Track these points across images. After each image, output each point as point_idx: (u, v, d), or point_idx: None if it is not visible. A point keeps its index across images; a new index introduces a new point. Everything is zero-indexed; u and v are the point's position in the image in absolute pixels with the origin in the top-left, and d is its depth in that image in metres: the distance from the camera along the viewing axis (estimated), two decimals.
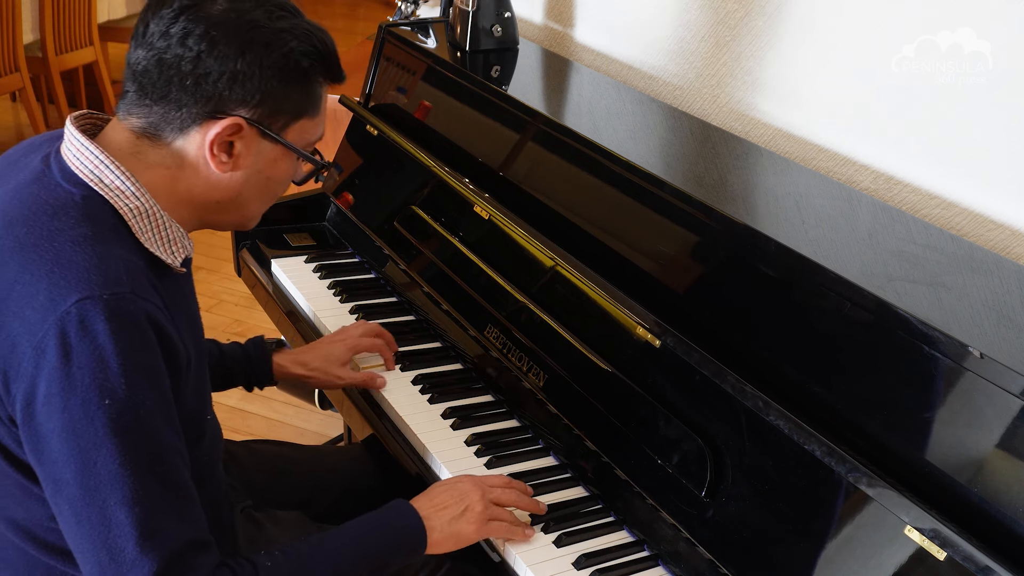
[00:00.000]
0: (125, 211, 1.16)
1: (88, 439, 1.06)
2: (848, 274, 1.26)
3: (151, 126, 1.18)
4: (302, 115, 1.22)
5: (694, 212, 1.48)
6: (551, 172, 1.76)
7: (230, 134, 1.17)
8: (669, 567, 1.35)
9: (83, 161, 1.16)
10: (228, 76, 1.14)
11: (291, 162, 1.26)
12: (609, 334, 1.49)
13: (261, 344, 1.65)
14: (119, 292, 1.08)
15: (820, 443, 1.20)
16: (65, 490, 1.08)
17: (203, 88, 1.15)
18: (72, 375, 1.05)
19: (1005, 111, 1.47)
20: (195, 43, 1.13)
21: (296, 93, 1.20)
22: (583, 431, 1.48)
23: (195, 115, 1.16)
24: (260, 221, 1.35)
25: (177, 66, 1.14)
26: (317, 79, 1.22)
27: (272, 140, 1.21)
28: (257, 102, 1.17)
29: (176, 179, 1.20)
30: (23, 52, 4.14)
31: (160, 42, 1.14)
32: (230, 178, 1.21)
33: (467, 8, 2.10)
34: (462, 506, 1.33)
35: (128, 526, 1.07)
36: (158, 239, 1.19)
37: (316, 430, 2.95)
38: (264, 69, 1.16)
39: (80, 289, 1.07)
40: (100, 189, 1.15)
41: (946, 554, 1.07)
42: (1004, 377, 1.09)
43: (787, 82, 1.79)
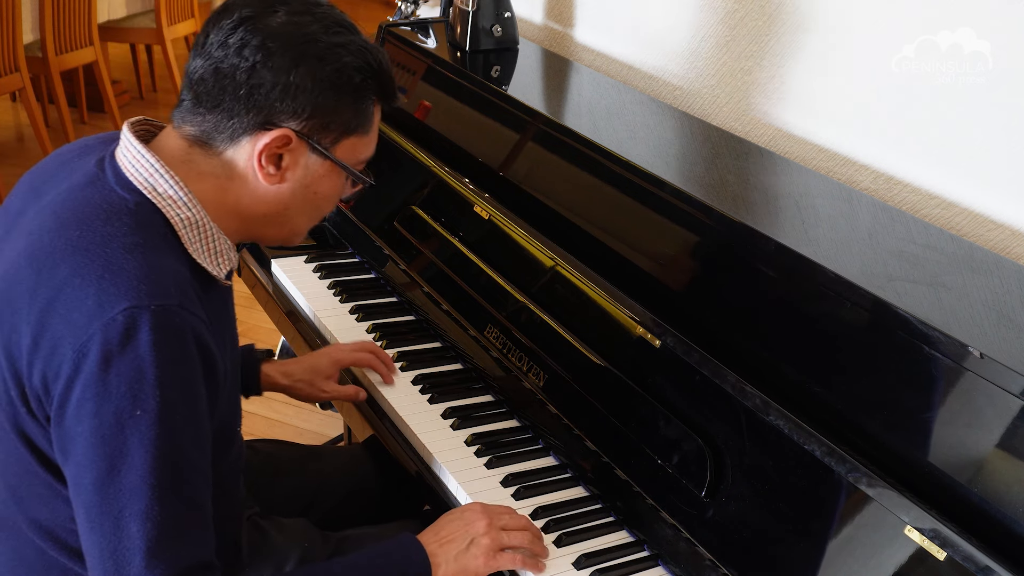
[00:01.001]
0: (176, 221, 1.16)
1: (115, 447, 1.06)
2: (848, 274, 1.26)
3: (204, 134, 1.18)
4: (352, 132, 1.21)
5: (694, 212, 1.48)
6: (551, 172, 1.76)
7: (279, 146, 1.17)
8: (669, 567, 1.35)
9: (138, 168, 1.16)
10: (281, 88, 1.14)
11: (339, 179, 1.25)
12: (609, 334, 1.49)
13: (251, 353, 1.65)
14: (167, 304, 1.08)
15: (820, 443, 1.20)
16: (84, 494, 1.08)
17: (255, 98, 1.15)
18: (109, 382, 1.05)
19: (1005, 111, 1.47)
20: (251, 54, 1.13)
21: (347, 108, 1.19)
22: (583, 431, 1.48)
23: (246, 125, 1.16)
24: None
25: (232, 76, 1.14)
26: (370, 96, 1.21)
27: (321, 155, 1.20)
28: (308, 115, 1.17)
29: (225, 189, 1.20)
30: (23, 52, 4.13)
31: (218, 52, 1.15)
32: (277, 191, 1.21)
33: (467, 8, 2.10)
34: (468, 539, 1.30)
35: (139, 540, 1.07)
36: (206, 251, 1.19)
37: (316, 430, 2.95)
38: (316, 82, 1.15)
39: (129, 297, 1.07)
40: (153, 197, 1.16)
41: (946, 554, 1.07)
42: (1004, 377, 1.09)
43: (787, 82, 1.79)
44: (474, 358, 1.72)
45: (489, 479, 1.47)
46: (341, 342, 1.75)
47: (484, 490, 1.45)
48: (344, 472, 1.73)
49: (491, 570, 1.31)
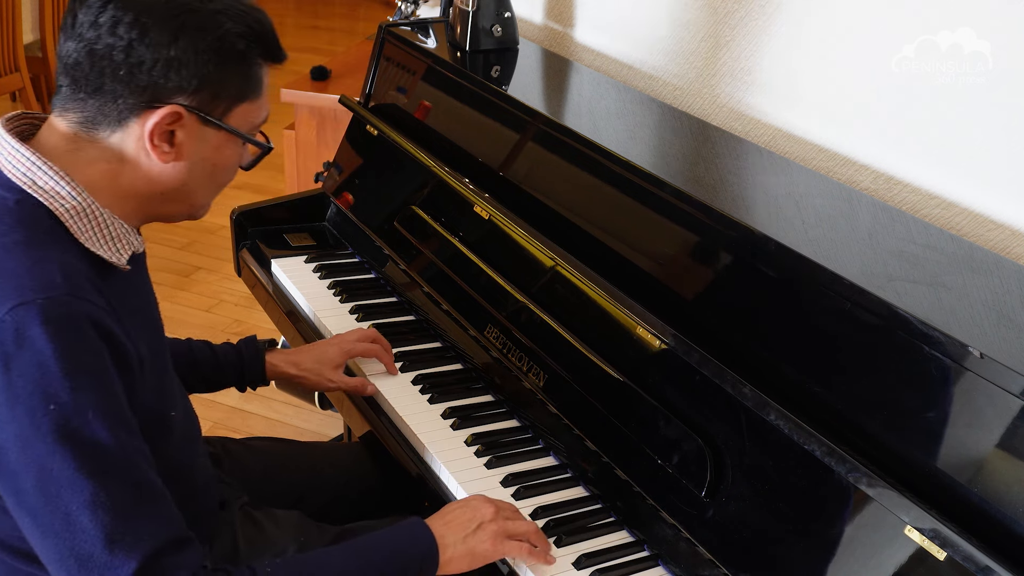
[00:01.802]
0: (61, 212, 1.13)
1: (39, 447, 1.04)
2: (848, 274, 1.26)
3: (87, 121, 1.14)
4: (243, 98, 1.19)
5: (694, 212, 1.48)
6: (551, 172, 1.76)
7: (170, 123, 1.14)
8: (669, 567, 1.35)
9: (15, 164, 1.14)
10: (162, 63, 1.11)
11: (236, 147, 1.22)
12: (609, 334, 1.49)
13: (254, 343, 1.65)
14: (53, 295, 1.06)
15: (820, 443, 1.20)
16: (26, 500, 1.06)
17: (137, 77, 1.11)
18: (13, 384, 1.04)
19: (1005, 111, 1.47)
20: (125, 31, 1.10)
21: (235, 76, 1.16)
22: (583, 431, 1.48)
23: (132, 106, 1.13)
24: (260, 220, 1.34)
25: (109, 56, 1.11)
26: (256, 60, 1.18)
27: (215, 126, 1.17)
28: (195, 88, 1.13)
29: (118, 173, 1.17)
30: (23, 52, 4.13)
31: (90, 32, 1.11)
32: (174, 168, 1.18)
33: (467, 8, 2.10)
34: (475, 522, 1.30)
35: (94, 530, 1.05)
36: (99, 238, 1.16)
37: (316, 430, 2.95)
38: (199, 54, 1.12)
39: (13, 296, 1.05)
40: (34, 192, 1.13)
41: (946, 554, 1.07)
42: (1004, 377, 1.09)
43: (787, 82, 1.79)
44: (474, 358, 1.72)
45: (489, 479, 1.47)
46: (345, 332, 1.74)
47: (484, 490, 1.45)
48: (342, 468, 1.73)
49: (498, 555, 1.31)
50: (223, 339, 1.69)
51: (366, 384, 1.63)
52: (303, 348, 1.68)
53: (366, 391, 1.63)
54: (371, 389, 1.63)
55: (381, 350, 1.67)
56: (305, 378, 1.63)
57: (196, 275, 3.68)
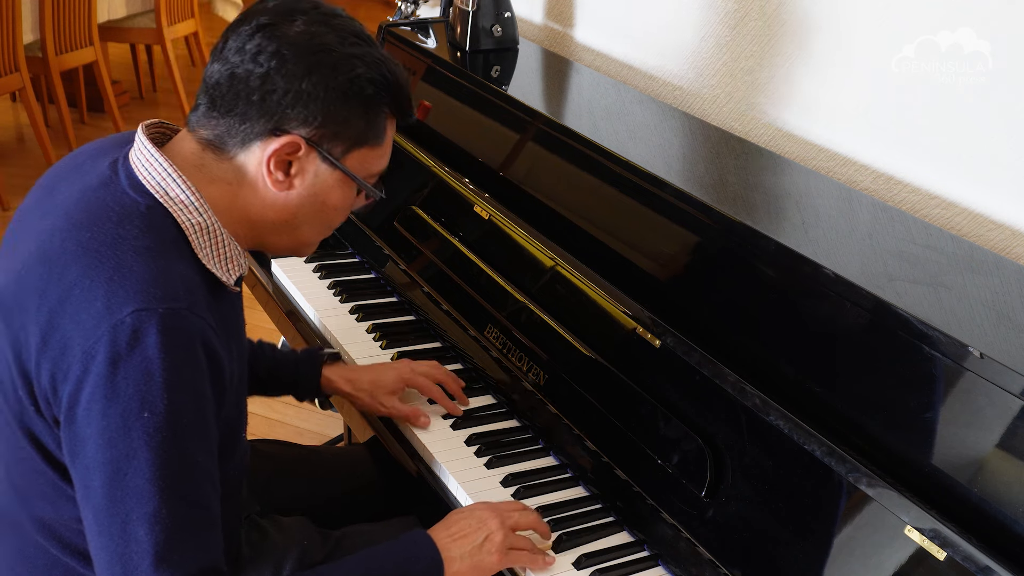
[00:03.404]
0: (187, 226, 1.16)
1: (122, 449, 1.06)
2: (848, 274, 1.26)
3: (216, 138, 1.18)
4: (363, 143, 1.22)
5: (694, 212, 1.48)
6: (551, 172, 1.76)
7: (288, 153, 1.18)
8: (669, 567, 1.35)
9: (150, 171, 1.17)
10: (293, 94, 1.15)
11: (349, 190, 1.25)
12: (609, 334, 1.49)
13: (313, 355, 1.63)
14: (176, 308, 1.08)
15: (820, 443, 1.20)
16: (92, 497, 1.08)
17: (267, 104, 1.15)
18: (117, 384, 1.06)
19: (1005, 111, 1.47)
20: (266, 60, 1.15)
21: (358, 119, 1.20)
22: (583, 431, 1.48)
23: (258, 130, 1.17)
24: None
25: (246, 81, 1.15)
26: (382, 109, 1.22)
27: (330, 164, 1.20)
28: (318, 124, 1.17)
29: (236, 195, 1.20)
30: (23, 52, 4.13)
31: (235, 57, 1.16)
32: (286, 198, 1.21)
33: (467, 8, 2.10)
34: (482, 535, 1.29)
35: (147, 544, 1.07)
36: (216, 256, 1.19)
37: (316, 430, 2.95)
38: (328, 91, 1.16)
39: (138, 300, 1.07)
40: (164, 201, 1.16)
41: (946, 554, 1.07)
42: (1004, 377, 1.10)
43: (787, 82, 1.79)
44: (474, 358, 1.72)
45: (489, 479, 1.47)
46: (348, 348, 1.73)
47: (484, 490, 1.45)
48: (345, 472, 1.73)
49: (504, 567, 1.31)
50: None
51: (419, 415, 1.57)
52: (363, 367, 1.65)
53: (418, 423, 1.57)
54: (424, 421, 1.57)
55: (440, 394, 1.61)
56: (359, 398, 1.61)
57: None
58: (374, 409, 1.61)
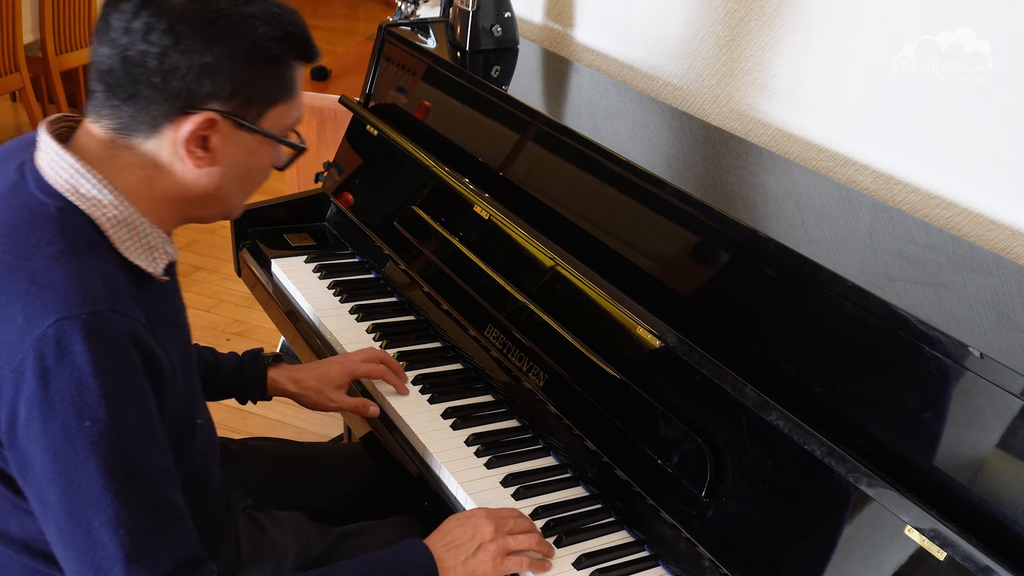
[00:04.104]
0: (103, 222, 1.13)
1: (70, 462, 1.05)
2: (848, 274, 1.26)
3: (123, 127, 1.14)
4: (277, 101, 1.18)
5: (694, 212, 1.48)
6: (551, 172, 1.76)
7: (204, 129, 1.13)
8: (669, 567, 1.35)
9: (57, 171, 1.13)
10: (197, 70, 1.10)
11: (271, 149, 1.21)
12: (609, 334, 1.49)
13: (257, 358, 1.63)
14: (97, 310, 1.06)
15: (820, 443, 1.20)
16: (51, 511, 1.07)
17: (172, 84, 1.10)
18: (51, 398, 1.04)
19: (1005, 111, 1.47)
20: (159, 38, 1.08)
21: (269, 80, 1.16)
22: (583, 431, 1.48)
23: (166, 112, 1.12)
24: (260, 221, 1.34)
25: (143, 63, 1.09)
26: (290, 63, 1.17)
27: (249, 130, 1.16)
28: (229, 94, 1.12)
29: (152, 180, 1.16)
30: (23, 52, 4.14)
31: (123, 38, 1.10)
32: (208, 173, 1.17)
33: (467, 8, 2.10)
34: (475, 544, 1.29)
35: (114, 547, 1.06)
36: (138, 248, 1.16)
37: (316, 430, 2.95)
38: (234, 60, 1.11)
39: (57, 309, 1.04)
40: (76, 200, 1.12)
41: (946, 554, 1.07)
42: (1004, 377, 1.09)
43: (787, 82, 1.79)
44: (474, 358, 1.72)
45: (489, 479, 1.47)
46: (348, 348, 1.74)
47: (484, 490, 1.45)
48: (342, 469, 1.73)
49: (499, 575, 1.30)
50: (223, 339, 1.69)
51: (367, 405, 1.60)
52: (307, 365, 1.66)
53: (367, 412, 1.60)
54: (373, 410, 1.60)
55: (387, 371, 1.63)
56: (305, 396, 1.61)
57: (196, 275, 3.68)
58: (323, 405, 1.62)
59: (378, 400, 1.64)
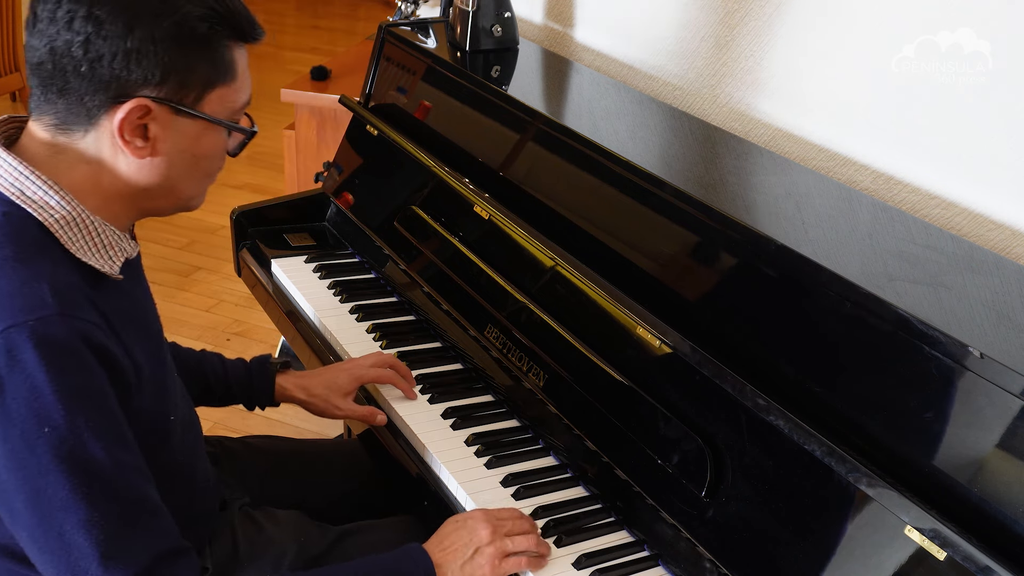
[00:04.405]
0: (51, 223, 1.10)
1: (33, 468, 1.04)
2: (848, 274, 1.26)
3: (61, 122, 1.11)
4: (216, 83, 1.13)
5: (694, 212, 1.48)
6: (551, 172, 1.76)
7: (139, 117, 1.10)
8: (669, 567, 1.35)
9: (2, 175, 1.11)
10: (121, 56, 1.06)
11: (218, 134, 1.17)
12: (609, 334, 1.49)
13: (265, 365, 1.62)
14: (44, 315, 1.04)
15: (820, 443, 1.20)
16: (20, 519, 1.06)
17: (99, 73, 1.07)
18: (7, 407, 1.03)
19: (1005, 111, 1.48)
20: (81, 25, 1.06)
21: (201, 62, 1.11)
22: (583, 431, 1.48)
23: (98, 102, 1.08)
24: (260, 221, 1.32)
25: (68, 53, 1.07)
26: (223, 43, 1.12)
27: (188, 116, 1.12)
28: (159, 79, 1.08)
29: (99, 175, 1.13)
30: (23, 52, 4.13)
31: (50, 29, 1.07)
32: (151, 163, 1.13)
33: (467, 8, 2.10)
34: (472, 547, 1.29)
35: (88, 548, 1.05)
36: (91, 247, 1.13)
37: (316, 430, 2.95)
38: (158, 43, 1.07)
39: (4, 318, 1.03)
40: (23, 202, 1.10)
41: (946, 554, 1.07)
42: (1004, 377, 1.09)
43: (787, 82, 1.79)
44: (474, 358, 1.72)
45: (489, 479, 1.47)
46: (348, 348, 1.73)
47: (484, 490, 1.45)
48: (341, 468, 1.73)
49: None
50: (223, 339, 1.69)
51: (375, 413, 1.58)
52: (315, 372, 1.64)
53: (375, 420, 1.58)
54: (380, 419, 1.58)
55: (396, 376, 1.62)
56: (313, 404, 1.60)
57: (196, 275, 3.68)
58: (330, 413, 1.60)
59: (379, 402, 1.64)
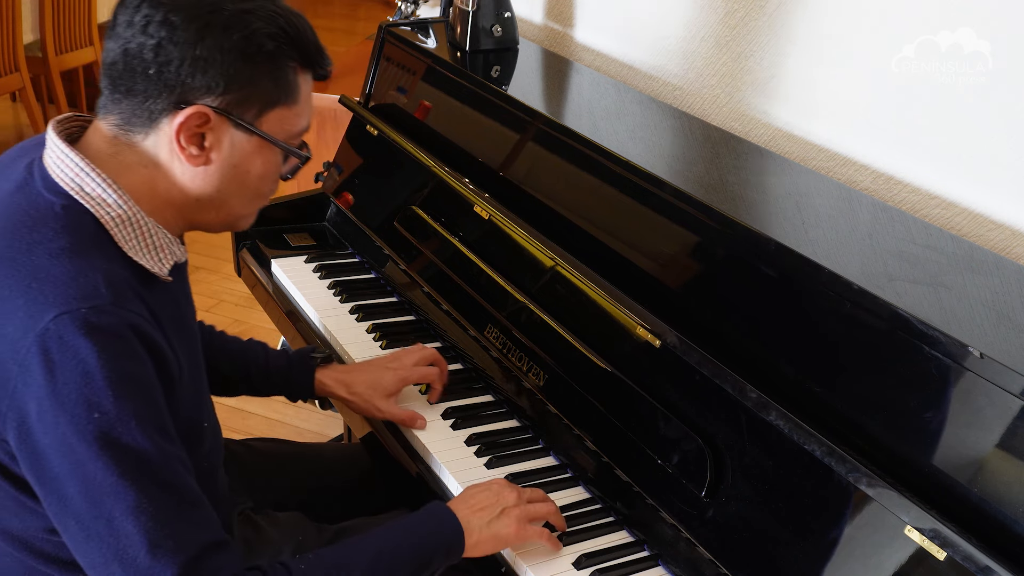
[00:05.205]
0: (107, 220, 1.13)
1: (83, 453, 1.05)
2: (848, 274, 1.26)
3: (124, 122, 1.14)
4: (276, 103, 1.16)
5: (694, 212, 1.48)
6: (551, 172, 1.76)
7: (197, 125, 1.13)
8: (669, 567, 1.35)
9: (63, 169, 1.13)
10: (189, 62, 1.10)
11: (271, 155, 1.20)
12: (609, 334, 1.49)
13: (305, 357, 1.60)
14: (98, 304, 1.06)
15: (820, 443, 1.20)
16: (71, 505, 1.07)
17: (165, 77, 1.10)
18: (58, 392, 1.04)
19: (1005, 111, 1.47)
20: (156, 30, 1.09)
21: (264, 78, 1.14)
22: (583, 431, 1.48)
23: (161, 106, 1.12)
24: (260, 221, 1.32)
25: (140, 55, 1.10)
26: (288, 64, 1.16)
27: (245, 130, 1.15)
28: (222, 89, 1.12)
29: (155, 179, 1.16)
30: (23, 52, 4.14)
31: (126, 32, 1.11)
32: (205, 173, 1.16)
33: (467, 8, 2.10)
34: (499, 507, 1.30)
35: (137, 535, 1.06)
36: (143, 247, 1.16)
37: (316, 430, 2.95)
38: (225, 53, 1.10)
39: (58, 304, 1.05)
40: (81, 198, 1.13)
41: (946, 554, 1.07)
42: (1004, 377, 1.09)
43: (787, 82, 1.79)
44: (474, 358, 1.72)
45: (489, 479, 1.47)
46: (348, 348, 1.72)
47: None
48: (343, 470, 1.73)
49: (521, 540, 1.32)
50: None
51: (416, 418, 1.55)
52: (357, 367, 1.61)
53: (416, 425, 1.55)
54: (421, 424, 1.55)
55: (438, 375, 1.60)
56: (354, 402, 1.58)
57: (196, 275, 3.68)
58: (371, 414, 1.59)
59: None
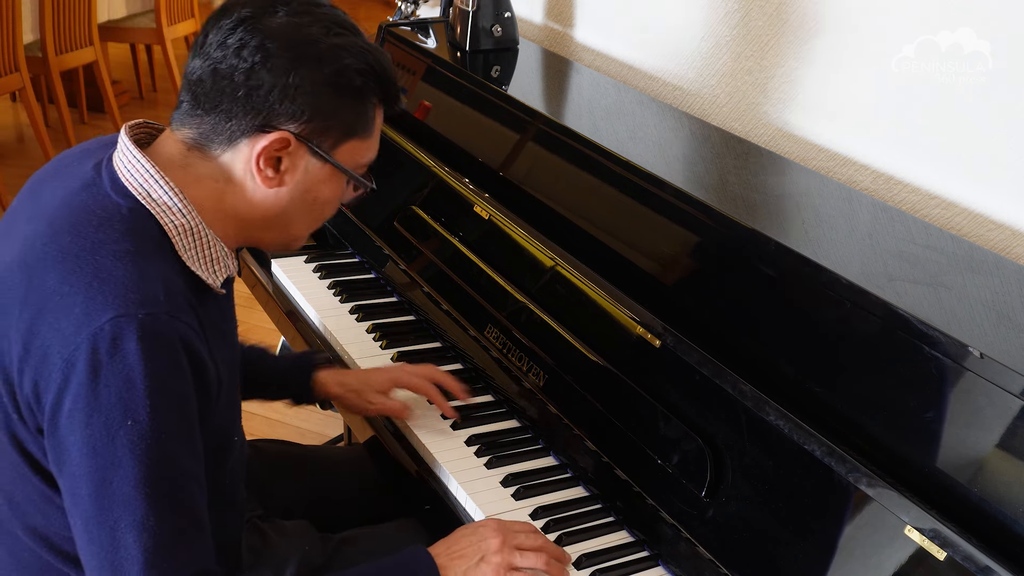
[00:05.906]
0: (170, 228, 1.15)
1: (106, 458, 1.05)
2: (848, 274, 1.26)
3: (202, 137, 1.17)
4: (353, 135, 1.20)
5: (694, 212, 1.48)
6: (551, 172, 1.76)
7: (277, 149, 1.16)
8: (669, 567, 1.35)
9: (132, 173, 1.15)
10: (279, 89, 1.13)
11: (339, 183, 1.24)
12: (609, 334, 1.49)
13: (305, 361, 1.62)
14: (155, 312, 1.07)
15: (820, 443, 1.20)
16: (80, 505, 1.08)
17: (254, 100, 1.13)
18: (98, 392, 1.05)
19: (1005, 111, 1.47)
20: (250, 54, 1.12)
21: (347, 111, 1.18)
22: (583, 431, 1.48)
23: (244, 127, 1.15)
24: None
25: (230, 77, 1.13)
26: (370, 99, 1.20)
27: (320, 158, 1.19)
28: (307, 118, 1.15)
29: (223, 193, 1.19)
30: (23, 52, 4.13)
31: (217, 52, 1.14)
32: (276, 194, 1.19)
33: (467, 8, 2.10)
34: (479, 555, 1.28)
35: (135, 551, 1.06)
36: (201, 258, 1.18)
37: (316, 430, 2.95)
38: (316, 84, 1.14)
39: (116, 306, 1.06)
40: (147, 203, 1.14)
41: (946, 554, 1.07)
42: (1004, 377, 1.10)
43: (787, 82, 1.79)
44: (474, 358, 1.72)
45: (489, 479, 1.48)
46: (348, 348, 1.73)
47: (484, 490, 1.45)
48: (346, 473, 1.73)
49: None
50: None
51: (405, 407, 1.57)
52: (357, 370, 1.65)
53: (404, 415, 1.57)
54: (407, 414, 1.57)
55: (434, 392, 1.59)
56: (347, 398, 1.60)
57: None
58: (362, 408, 1.60)
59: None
